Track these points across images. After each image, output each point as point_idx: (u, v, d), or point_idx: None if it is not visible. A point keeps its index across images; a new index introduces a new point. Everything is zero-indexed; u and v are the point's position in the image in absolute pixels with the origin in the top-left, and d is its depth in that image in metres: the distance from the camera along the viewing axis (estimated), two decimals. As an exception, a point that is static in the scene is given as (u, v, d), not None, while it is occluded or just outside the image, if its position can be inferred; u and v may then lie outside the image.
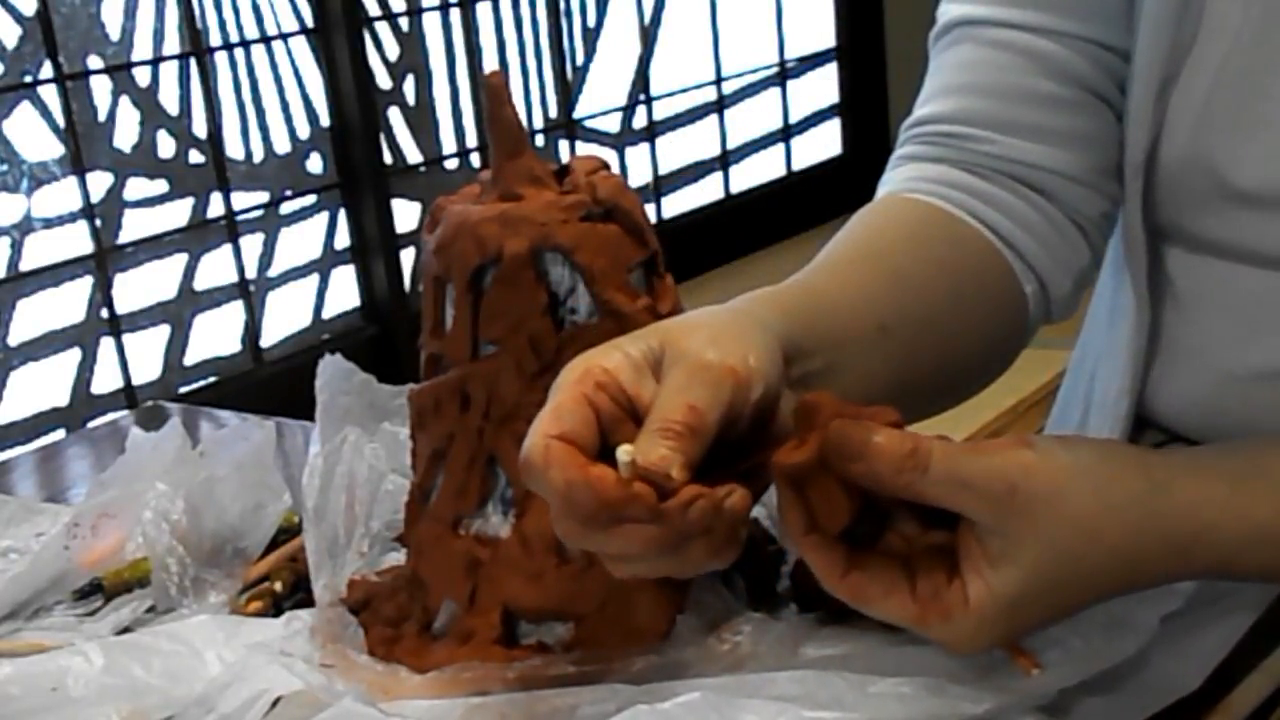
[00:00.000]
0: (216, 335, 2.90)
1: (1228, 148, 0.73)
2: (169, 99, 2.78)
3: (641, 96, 3.78)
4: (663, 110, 3.85)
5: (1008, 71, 0.78)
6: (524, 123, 0.71)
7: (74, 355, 2.68)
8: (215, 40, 2.84)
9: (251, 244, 2.93)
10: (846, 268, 0.73)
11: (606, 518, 0.53)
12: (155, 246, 2.78)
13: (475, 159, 3.36)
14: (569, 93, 3.59)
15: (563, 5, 3.54)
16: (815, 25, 4.29)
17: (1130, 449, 0.62)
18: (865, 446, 0.55)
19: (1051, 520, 0.55)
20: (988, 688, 0.57)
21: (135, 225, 2.75)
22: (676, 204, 3.92)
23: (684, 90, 3.90)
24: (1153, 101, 0.75)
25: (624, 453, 0.53)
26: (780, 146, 4.24)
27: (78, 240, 2.65)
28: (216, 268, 2.88)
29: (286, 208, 3.00)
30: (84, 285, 2.68)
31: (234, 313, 2.92)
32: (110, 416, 1.69)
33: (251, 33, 2.90)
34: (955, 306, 0.75)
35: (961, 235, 0.78)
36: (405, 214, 3.17)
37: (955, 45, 0.81)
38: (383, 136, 3.11)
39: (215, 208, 2.86)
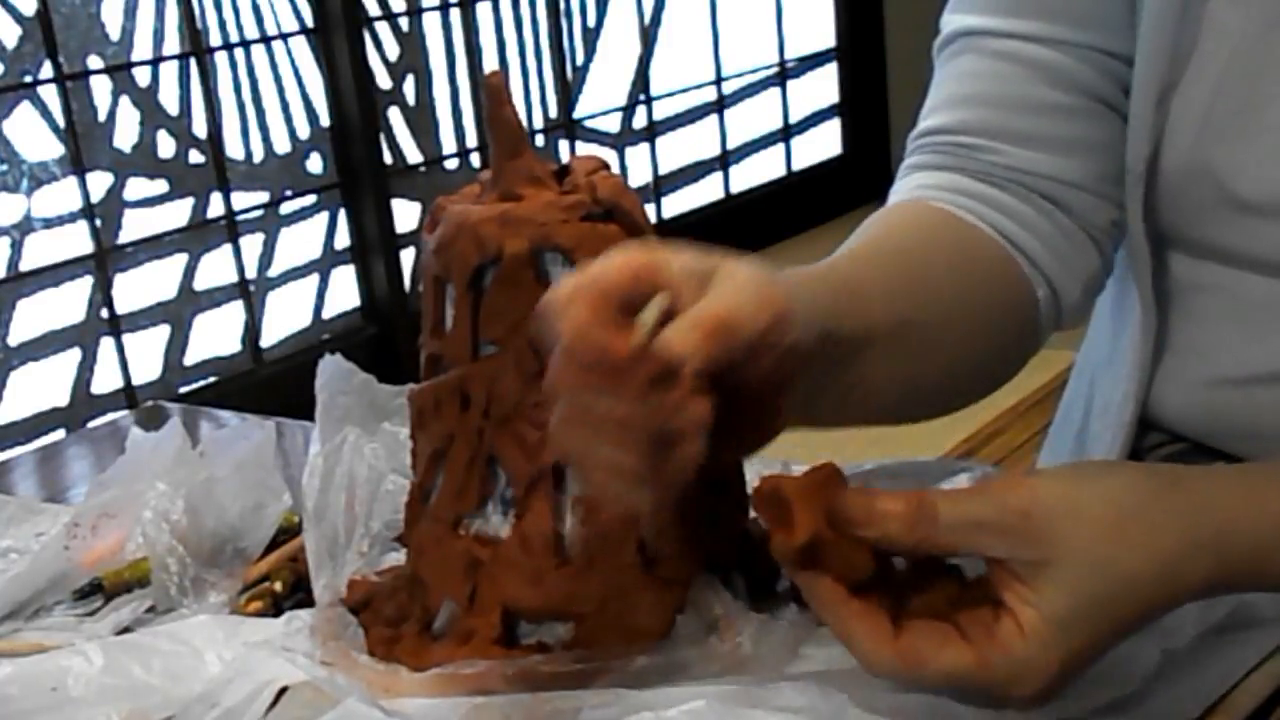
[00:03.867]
0: (216, 335, 2.90)
1: (1228, 154, 0.73)
2: (169, 99, 2.78)
3: (641, 96, 3.78)
4: (663, 110, 3.85)
5: (1011, 82, 0.79)
6: (524, 123, 0.71)
7: (74, 355, 2.68)
8: (215, 40, 2.84)
9: (251, 244, 2.93)
10: (869, 262, 0.73)
11: (603, 374, 0.52)
12: (155, 246, 2.78)
13: (475, 159, 3.36)
14: (569, 93, 3.59)
15: (563, 5, 3.54)
16: (815, 25, 4.29)
17: (1131, 463, 0.62)
18: (873, 513, 0.55)
19: (1073, 534, 0.55)
20: (989, 709, 0.56)
21: (135, 225, 2.75)
22: (676, 204, 3.92)
23: (684, 90, 3.90)
24: (1153, 109, 0.75)
25: (654, 307, 0.52)
26: (780, 146, 4.24)
27: (78, 240, 2.65)
28: (216, 268, 2.88)
29: (286, 208, 3.00)
30: (84, 285, 2.68)
31: (234, 313, 2.92)
32: (110, 416, 1.69)
33: (251, 33, 2.90)
34: (970, 306, 0.75)
35: (975, 238, 0.78)
36: (405, 214, 3.17)
37: (958, 56, 0.81)
38: (383, 136, 3.11)
39: (215, 208, 2.86)
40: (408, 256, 3.15)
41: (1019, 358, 0.80)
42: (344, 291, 3.12)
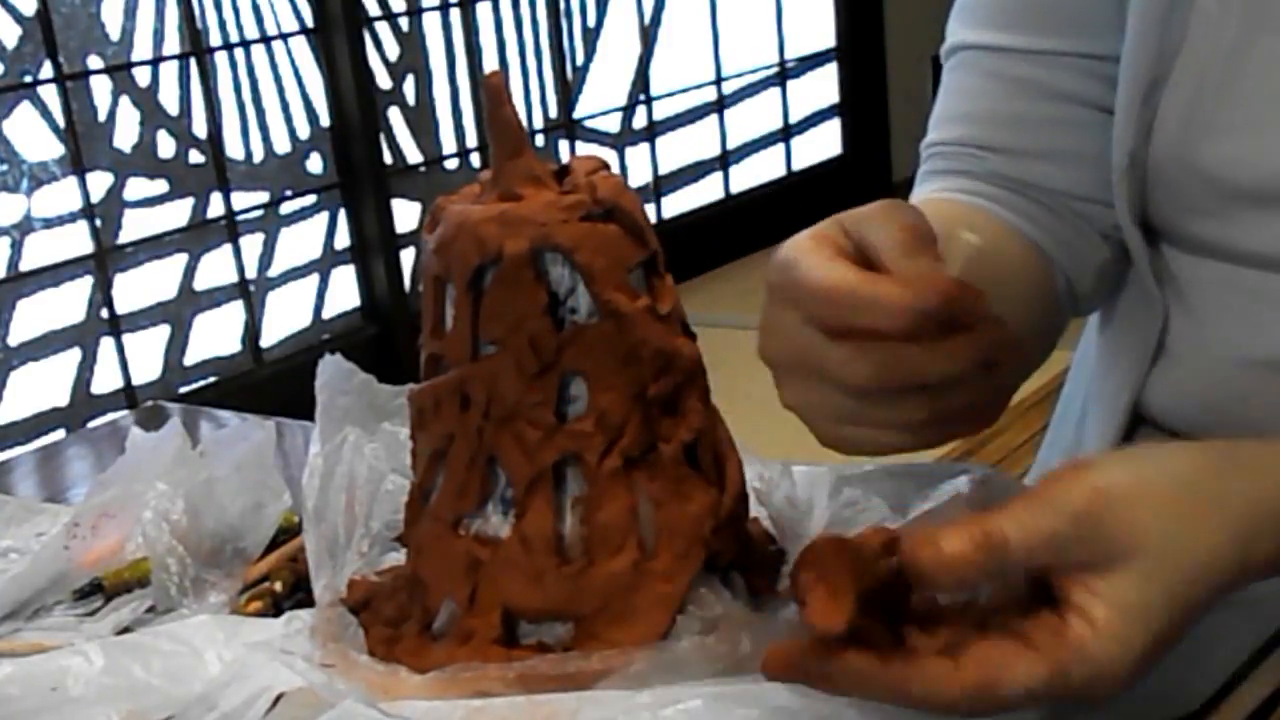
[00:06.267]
0: (216, 335, 2.90)
1: (1215, 145, 0.73)
2: (169, 99, 2.79)
3: (641, 96, 3.78)
4: (663, 110, 3.85)
5: (1003, 99, 0.81)
6: (524, 123, 0.71)
7: (74, 355, 2.68)
8: (215, 40, 2.84)
9: (251, 244, 2.94)
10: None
11: (942, 315, 0.55)
12: (155, 246, 2.78)
13: (475, 159, 3.36)
14: (569, 93, 3.59)
15: (563, 5, 3.54)
16: (815, 25, 4.29)
17: (1182, 442, 0.62)
18: (942, 562, 0.52)
19: (1147, 522, 0.52)
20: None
21: (135, 225, 2.75)
22: (676, 204, 3.92)
23: (684, 90, 3.90)
24: (1140, 104, 0.75)
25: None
26: (780, 146, 4.24)
27: (78, 240, 2.66)
28: (216, 268, 2.88)
29: (286, 208, 3.00)
30: (84, 285, 2.68)
31: (234, 313, 2.92)
32: (110, 416, 1.69)
33: (251, 33, 2.90)
34: (1011, 281, 0.78)
35: (1000, 226, 0.81)
36: (405, 214, 3.18)
37: (957, 70, 0.84)
38: (383, 136, 3.11)
39: (215, 208, 2.86)
40: (408, 256, 3.15)
41: (1049, 341, 0.83)
42: (344, 291, 3.12)
